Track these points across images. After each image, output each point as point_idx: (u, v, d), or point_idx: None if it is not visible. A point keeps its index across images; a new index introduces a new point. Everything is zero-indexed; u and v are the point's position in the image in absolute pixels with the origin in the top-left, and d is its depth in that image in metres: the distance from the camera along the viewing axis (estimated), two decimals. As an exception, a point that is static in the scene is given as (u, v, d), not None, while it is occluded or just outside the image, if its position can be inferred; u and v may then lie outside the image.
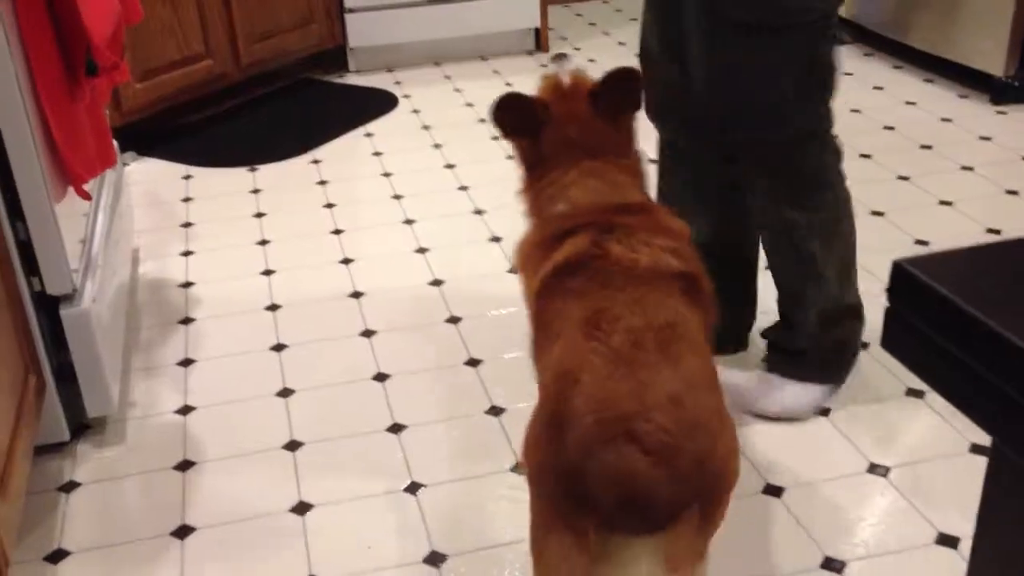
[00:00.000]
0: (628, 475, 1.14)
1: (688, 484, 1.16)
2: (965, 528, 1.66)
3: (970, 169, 2.98)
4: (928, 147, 3.16)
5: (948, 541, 1.64)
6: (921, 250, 2.54)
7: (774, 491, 1.76)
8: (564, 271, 1.40)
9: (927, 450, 1.85)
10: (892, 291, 0.53)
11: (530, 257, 1.53)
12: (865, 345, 2.16)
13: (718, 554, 1.62)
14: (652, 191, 1.76)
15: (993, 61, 3.44)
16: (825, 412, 1.96)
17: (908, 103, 3.53)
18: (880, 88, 3.68)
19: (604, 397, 1.18)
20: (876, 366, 2.09)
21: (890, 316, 0.54)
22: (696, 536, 1.20)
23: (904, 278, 0.51)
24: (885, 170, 3.00)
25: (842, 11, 4.12)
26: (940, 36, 3.66)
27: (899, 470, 1.80)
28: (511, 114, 1.58)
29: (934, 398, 1.96)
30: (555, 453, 1.19)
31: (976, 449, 1.83)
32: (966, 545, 1.62)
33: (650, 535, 1.16)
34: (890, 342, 0.54)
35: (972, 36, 3.52)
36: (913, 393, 2.00)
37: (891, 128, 3.32)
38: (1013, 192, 2.81)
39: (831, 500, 1.75)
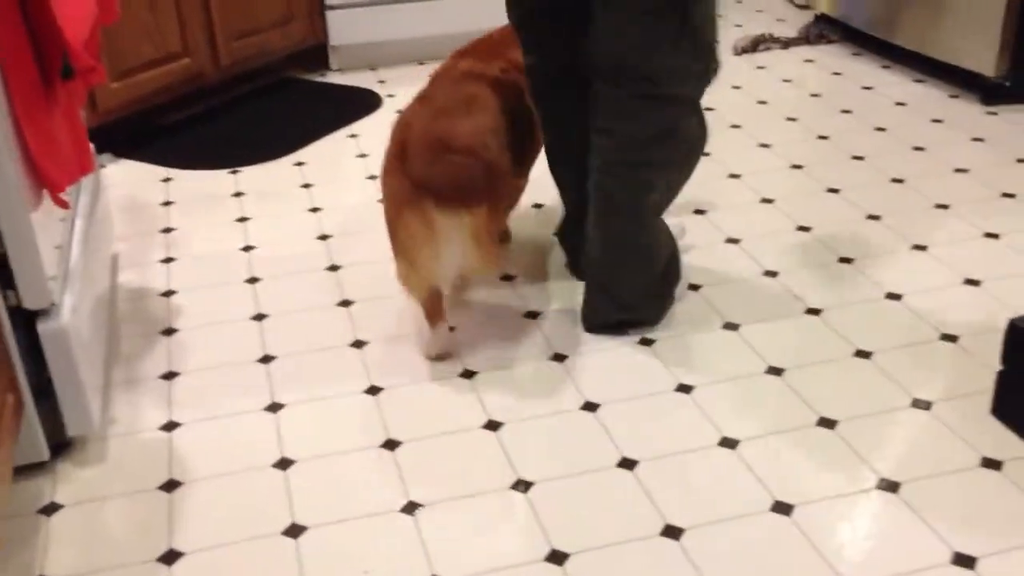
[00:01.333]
0: (452, 168, 1.96)
1: (485, 176, 1.99)
2: (980, 548, 1.62)
3: (964, 171, 2.95)
4: (921, 149, 3.13)
5: (964, 561, 1.60)
6: (919, 255, 2.50)
7: (784, 509, 1.71)
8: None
9: (938, 464, 1.81)
10: (1009, 353, 0.47)
11: None
12: (868, 354, 2.12)
13: (722, 574, 1.58)
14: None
15: (983, 61, 3.41)
16: (832, 424, 1.91)
17: (898, 103, 3.50)
18: (869, 88, 3.65)
19: (429, 130, 2.00)
20: (880, 376, 2.05)
21: (1005, 380, 0.47)
22: (487, 222, 1.99)
23: None
24: (879, 173, 2.96)
25: (829, 10, 4.13)
26: (929, 35, 3.64)
27: (909, 485, 1.76)
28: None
29: (941, 409, 1.92)
30: (401, 169, 1.98)
31: (988, 463, 1.79)
32: (983, 565, 1.58)
33: (465, 210, 1.94)
34: (1005, 409, 0.48)
35: (961, 35, 3.49)
36: (919, 404, 1.96)
37: (883, 129, 3.28)
38: (1009, 195, 2.78)
39: (841, 518, 1.70)
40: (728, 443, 1.88)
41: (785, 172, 3.00)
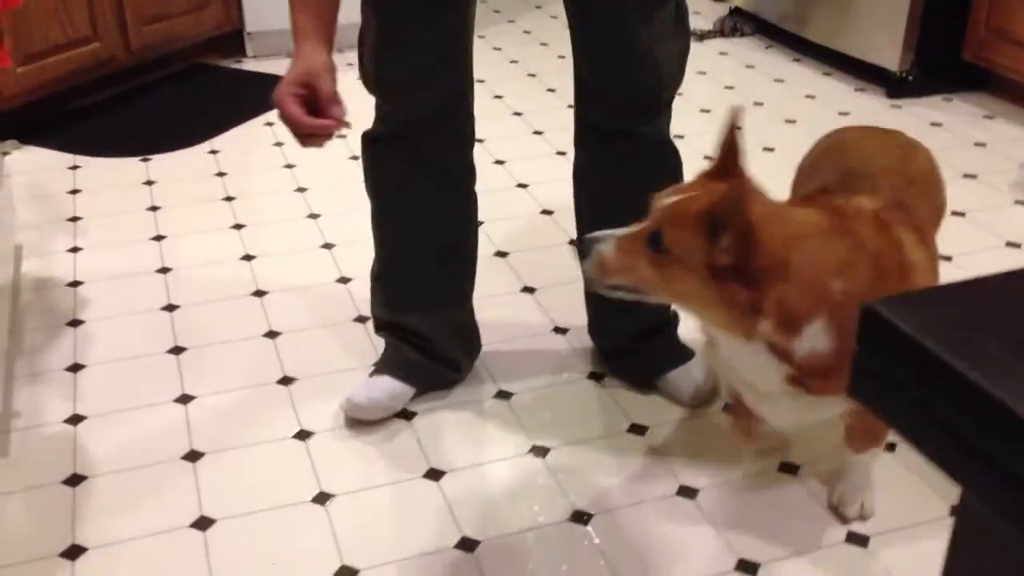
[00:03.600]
0: None
1: None
2: (875, 528, 1.68)
3: (869, 163, 3.05)
4: (828, 141, 3.21)
5: (857, 540, 1.66)
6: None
7: (689, 492, 1.76)
8: None
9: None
10: (862, 336, 0.50)
11: None
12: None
13: (624, 560, 1.62)
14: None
15: (888, 56, 3.53)
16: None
17: (808, 96, 3.59)
18: (781, 81, 3.74)
19: None
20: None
21: (858, 361, 0.51)
22: None
23: (875, 323, 0.48)
24: (788, 165, 3.03)
25: (743, 3, 4.22)
26: (836, 30, 3.74)
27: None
28: None
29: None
30: None
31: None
32: (874, 543, 1.65)
33: None
34: (859, 389, 0.51)
35: (868, 31, 3.60)
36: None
37: (792, 121, 3.37)
38: (910, 186, 2.88)
39: (746, 500, 1.75)
40: (638, 429, 1.92)
41: (698, 162, 3.04)
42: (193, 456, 1.85)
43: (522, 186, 2.90)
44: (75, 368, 2.10)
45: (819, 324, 1.37)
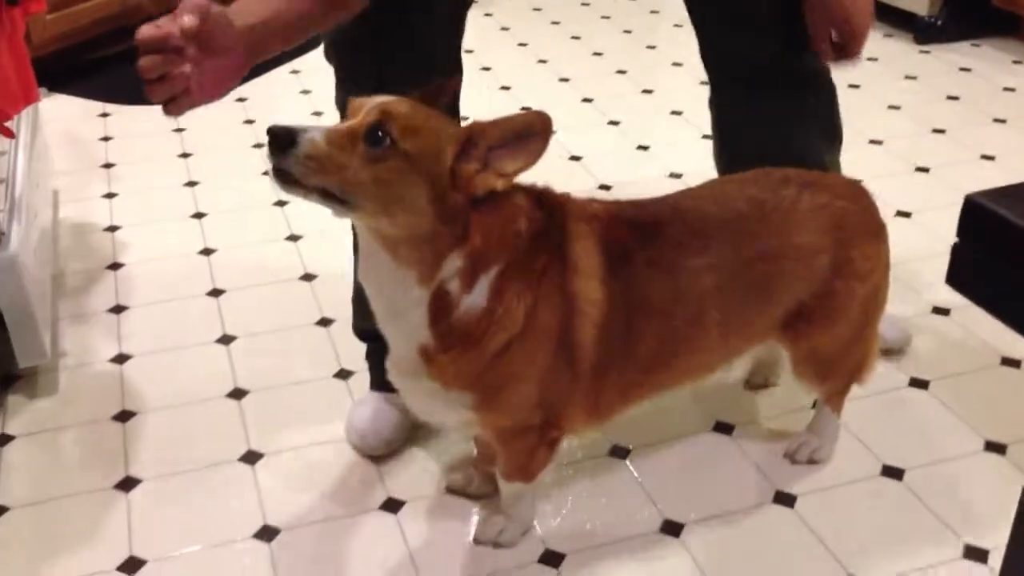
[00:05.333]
0: None
1: None
2: (911, 462, 1.71)
3: (897, 108, 3.04)
4: (856, 86, 3.20)
5: (893, 473, 1.69)
6: (854, 189, 2.58)
7: (725, 429, 1.79)
8: None
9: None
10: (963, 226, 0.52)
11: None
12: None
13: (673, 491, 1.65)
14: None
15: (916, 0, 3.49)
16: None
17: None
18: (807, 27, 3.71)
19: None
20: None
21: (960, 252, 0.52)
22: None
23: (977, 213, 0.49)
24: (817, 109, 3.03)
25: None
26: (865, -25, 3.70)
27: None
28: None
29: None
30: None
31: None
32: (909, 477, 1.68)
33: None
34: (958, 279, 0.53)
35: (896, -24, 3.56)
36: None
37: (820, 67, 3.35)
38: (940, 131, 2.88)
39: (781, 435, 1.79)
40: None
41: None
42: (238, 394, 1.89)
43: (575, 159, 2.91)
44: (118, 309, 2.14)
45: (492, 274, 1.26)
